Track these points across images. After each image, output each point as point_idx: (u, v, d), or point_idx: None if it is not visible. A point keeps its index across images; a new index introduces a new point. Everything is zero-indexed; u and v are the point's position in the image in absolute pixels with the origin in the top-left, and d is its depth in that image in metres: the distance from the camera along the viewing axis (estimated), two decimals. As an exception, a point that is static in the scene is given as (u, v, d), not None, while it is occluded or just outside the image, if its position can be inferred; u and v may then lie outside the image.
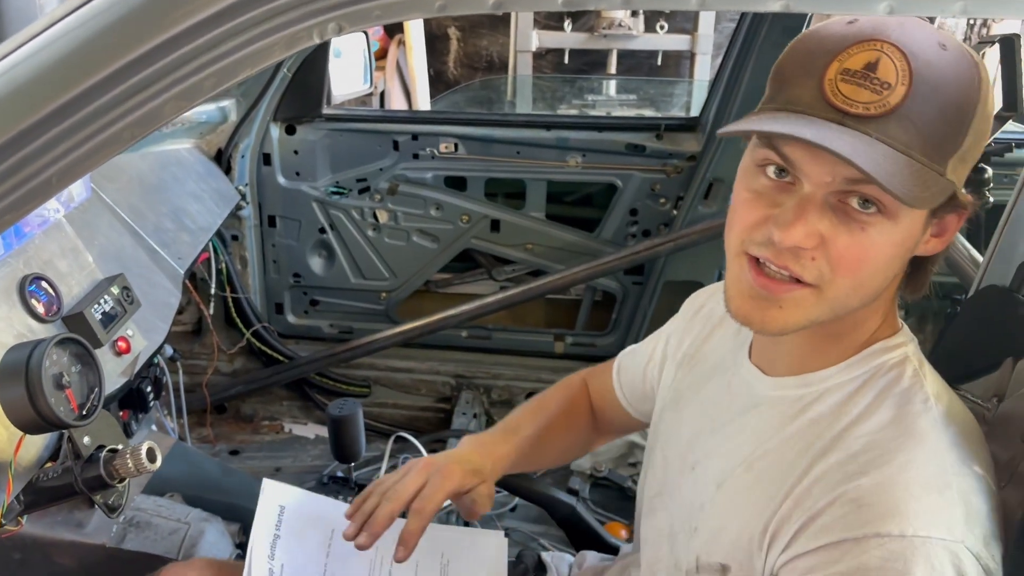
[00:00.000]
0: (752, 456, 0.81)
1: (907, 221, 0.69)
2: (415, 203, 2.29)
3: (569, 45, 4.45)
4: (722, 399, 0.90)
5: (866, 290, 0.73)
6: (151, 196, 1.72)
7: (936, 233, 0.74)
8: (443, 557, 1.10)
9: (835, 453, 0.73)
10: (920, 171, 0.65)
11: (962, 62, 0.67)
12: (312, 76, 2.15)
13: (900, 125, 0.65)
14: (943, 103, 0.66)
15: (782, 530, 0.74)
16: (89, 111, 0.53)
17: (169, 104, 0.54)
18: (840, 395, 0.78)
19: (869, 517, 0.67)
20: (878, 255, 0.70)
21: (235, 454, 2.32)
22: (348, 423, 1.50)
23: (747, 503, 0.79)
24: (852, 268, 0.70)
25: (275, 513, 1.03)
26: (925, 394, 0.75)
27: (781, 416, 0.81)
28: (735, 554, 0.78)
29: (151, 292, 1.45)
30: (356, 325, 2.44)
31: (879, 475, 0.69)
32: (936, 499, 0.68)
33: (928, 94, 0.65)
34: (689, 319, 1.06)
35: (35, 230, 1.17)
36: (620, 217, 2.24)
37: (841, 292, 0.71)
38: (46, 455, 1.06)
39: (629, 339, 2.36)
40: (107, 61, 0.52)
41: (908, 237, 0.71)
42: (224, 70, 0.53)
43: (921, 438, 0.72)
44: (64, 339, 0.98)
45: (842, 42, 0.67)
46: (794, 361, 0.82)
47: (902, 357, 0.78)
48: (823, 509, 0.70)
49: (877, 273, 0.72)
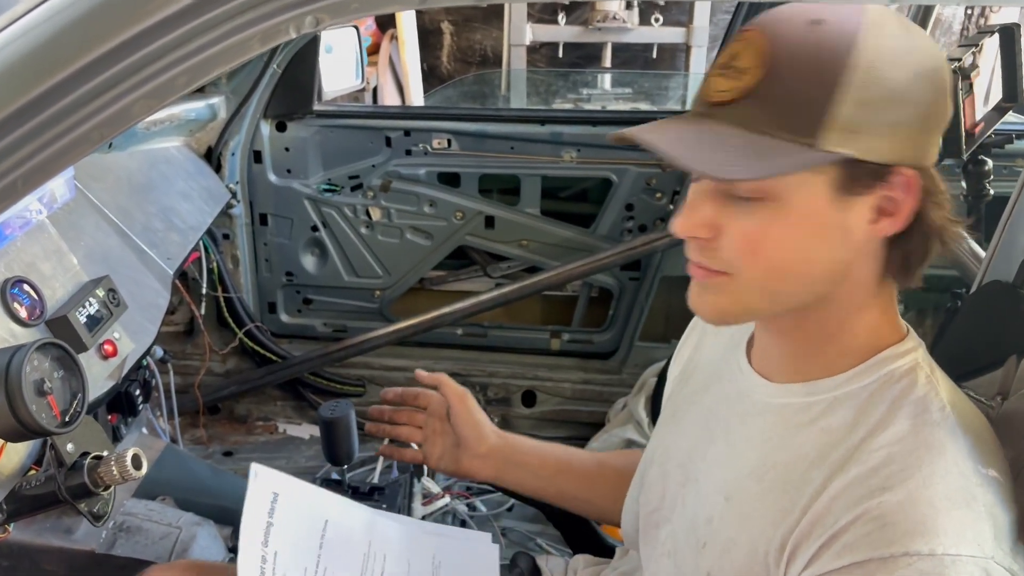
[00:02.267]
0: (761, 467, 0.78)
1: (797, 200, 0.68)
2: (408, 200, 2.26)
3: (563, 39, 4.42)
4: (720, 408, 0.88)
5: (792, 275, 0.71)
6: (139, 195, 1.69)
7: (888, 212, 0.70)
8: (435, 559, 1.08)
9: (854, 467, 0.71)
10: (775, 145, 0.66)
11: (834, 33, 0.66)
12: (303, 72, 2.12)
13: (756, 105, 0.66)
14: (802, 77, 0.66)
15: (802, 547, 0.71)
16: (54, 111, 0.50)
17: (139, 103, 0.51)
18: (852, 405, 0.75)
19: (896, 535, 0.65)
20: (773, 238, 0.69)
21: (229, 455, 2.30)
22: (340, 425, 1.47)
23: (760, 516, 0.76)
24: (750, 253, 0.70)
25: (268, 500, 0.99)
26: (941, 402, 0.72)
27: (788, 425, 0.78)
28: (750, 567, 0.76)
29: (139, 293, 1.43)
30: (350, 324, 2.42)
31: (903, 490, 0.67)
32: (964, 514, 0.66)
33: (785, 72, 0.66)
34: (687, 335, 1.04)
35: (17, 232, 1.15)
36: (616, 212, 2.22)
37: (754, 277, 0.71)
38: (29, 462, 1.04)
39: (626, 335, 2.34)
40: (72, 58, 0.49)
41: (809, 216, 0.68)
42: (197, 67, 0.51)
43: (941, 449, 0.69)
44: (45, 344, 0.95)
45: (729, 39, 0.71)
46: (794, 367, 0.80)
47: (912, 364, 0.75)
48: (846, 527, 0.68)
49: (786, 256, 0.70)
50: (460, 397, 1.22)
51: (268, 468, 1.04)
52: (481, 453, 1.21)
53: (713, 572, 0.79)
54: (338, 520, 1.04)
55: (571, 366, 2.38)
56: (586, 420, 2.36)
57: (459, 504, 1.86)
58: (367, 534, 1.06)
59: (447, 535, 1.15)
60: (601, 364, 2.39)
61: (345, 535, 1.03)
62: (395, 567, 1.04)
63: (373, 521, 1.08)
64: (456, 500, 1.85)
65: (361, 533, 1.05)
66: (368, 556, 1.03)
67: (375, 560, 1.03)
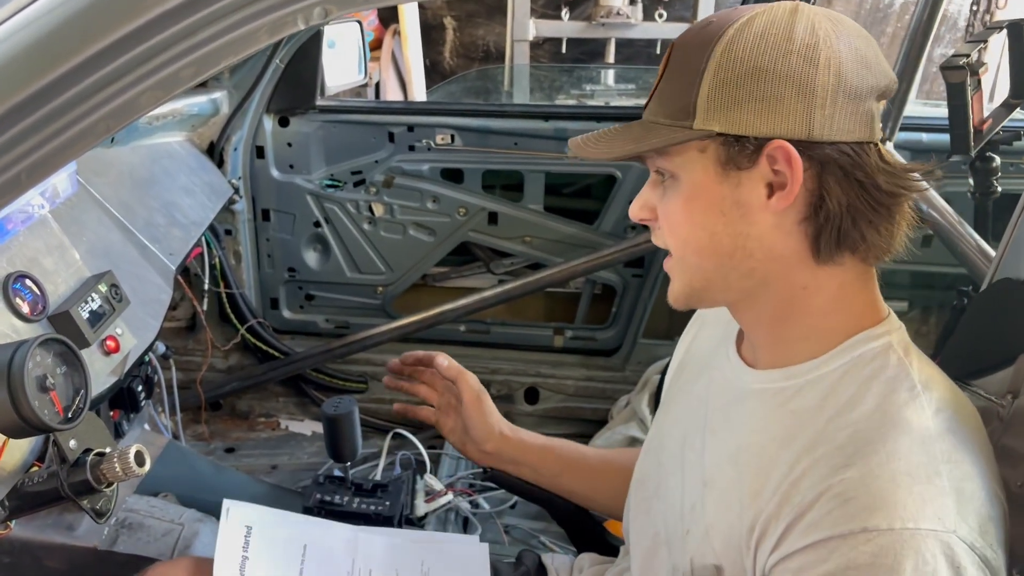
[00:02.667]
0: (737, 451, 0.79)
1: (687, 176, 0.75)
2: (411, 196, 2.25)
3: (567, 34, 4.40)
4: (710, 395, 0.89)
5: (700, 249, 0.76)
6: (141, 190, 1.68)
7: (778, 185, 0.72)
8: (423, 565, 1.07)
9: (821, 446, 0.71)
10: (661, 131, 0.75)
11: (713, 29, 0.73)
12: (305, 67, 2.11)
13: (656, 103, 0.77)
14: (680, 70, 0.75)
15: (770, 528, 0.71)
16: (59, 103, 0.49)
17: (146, 95, 0.51)
18: (822, 386, 0.76)
19: (855, 511, 0.65)
20: (677, 212, 0.77)
21: (231, 452, 2.29)
22: (343, 422, 1.46)
23: (733, 500, 0.77)
24: (671, 228, 0.78)
25: (241, 534, 0.99)
26: (912, 382, 0.73)
27: (764, 408, 0.79)
28: (727, 554, 0.76)
29: (141, 289, 1.42)
30: (352, 320, 2.41)
31: (864, 467, 0.67)
32: (924, 488, 0.66)
33: (673, 70, 0.76)
34: (688, 328, 1.06)
35: (19, 227, 1.14)
36: (620, 209, 2.20)
37: (684, 254, 0.78)
38: (31, 459, 1.03)
39: (629, 332, 2.33)
40: (77, 49, 0.48)
41: (699, 189, 0.74)
42: (204, 58, 0.50)
43: (907, 427, 0.69)
44: (48, 339, 0.94)
45: None
46: (773, 353, 0.81)
47: (885, 345, 0.76)
48: (810, 505, 0.68)
49: (693, 232, 0.76)
50: (474, 397, 1.22)
51: (241, 504, 1.03)
52: (485, 449, 1.22)
53: (695, 559, 0.80)
54: (318, 542, 1.03)
55: (574, 363, 2.38)
56: (589, 417, 2.35)
57: (462, 501, 1.85)
58: (350, 553, 1.05)
59: (434, 542, 1.14)
60: (604, 361, 2.38)
61: (326, 556, 1.02)
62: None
63: (355, 538, 1.08)
64: (459, 497, 1.84)
65: (343, 552, 1.04)
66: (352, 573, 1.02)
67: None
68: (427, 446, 2.04)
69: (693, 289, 0.80)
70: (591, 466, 1.22)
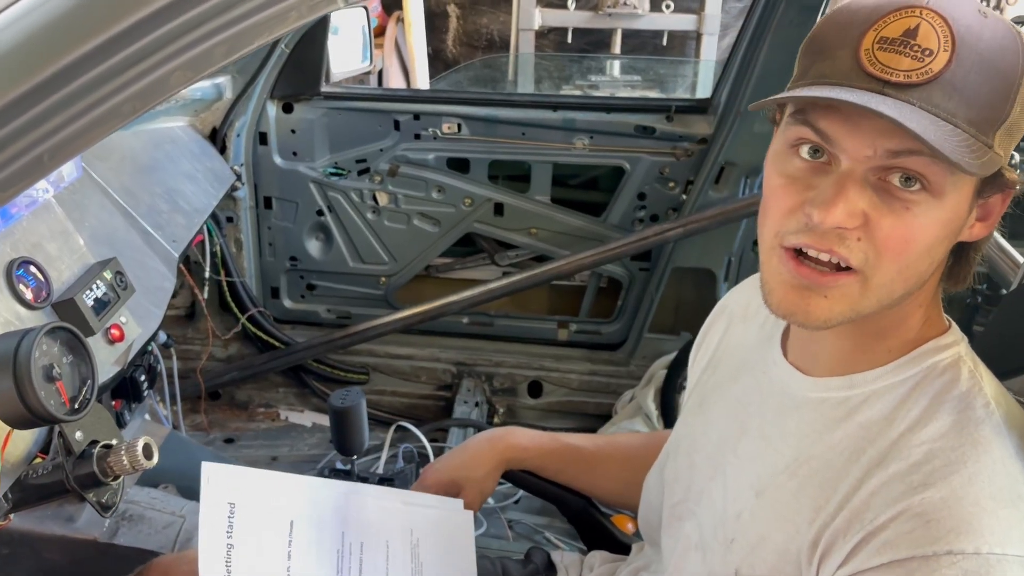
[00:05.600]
0: (795, 462, 0.76)
1: (953, 199, 0.65)
2: (416, 185, 2.22)
3: (573, 24, 4.36)
4: (753, 400, 0.85)
5: (911, 276, 0.68)
6: (144, 176, 1.65)
7: (981, 217, 0.70)
8: (412, 535, 1.05)
9: (893, 463, 0.69)
10: (967, 141, 0.62)
11: (1004, 29, 0.64)
12: (311, 53, 2.07)
13: (944, 92, 0.62)
14: (988, 70, 0.62)
15: (837, 543, 0.69)
16: (85, 81, 0.46)
17: (176, 74, 0.47)
18: (891, 398, 0.73)
19: (939, 533, 0.63)
20: (924, 237, 0.66)
21: (230, 442, 2.26)
22: (351, 414, 1.44)
23: (792, 512, 0.74)
24: (898, 251, 0.66)
25: (224, 514, 0.93)
26: (985, 398, 0.70)
27: (825, 419, 0.76)
28: (781, 566, 0.74)
29: (145, 277, 1.39)
30: (354, 310, 2.39)
31: (946, 488, 0.65)
32: (1010, 513, 0.64)
33: (972, 60, 0.62)
34: (711, 322, 1.02)
35: (23, 211, 1.11)
36: (628, 201, 2.18)
37: (887, 278, 0.67)
38: (36, 450, 1.01)
39: (635, 327, 2.31)
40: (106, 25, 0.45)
41: (955, 217, 0.67)
42: (237, 36, 0.47)
43: (987, 447, 0.67)
44: (54, 328, 0.91)
45: (877, 11, 0.64)
46: (838, 360, 0.77)
47: (955, 358, 0.73)
48: (886, 523, 0.66)
49: (923, 257, 0.67)
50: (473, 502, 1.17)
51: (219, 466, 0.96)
52: None
53: (742, 569, 0.77)
54: (306, 515, 0.99)
55: (578, 357, 2.35)
56: (593, 412, 2.33)
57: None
58: (339, 525, 1.01)
59: (422, 504, 1.12)
60: (609, 355, 2.36)
61: (315, 535, 0.98)
62: (374, 554, 1.00)
63: (346, 505, 1.04)
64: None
65: (332, 526, 1.00)
66: (343, 551, 0.99)
67: (351, 554, 0.99)
68: (430, 439, 2.03)
69: (858, 314, 0.69)
70: (587, 460, 1.20)
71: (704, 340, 1.02)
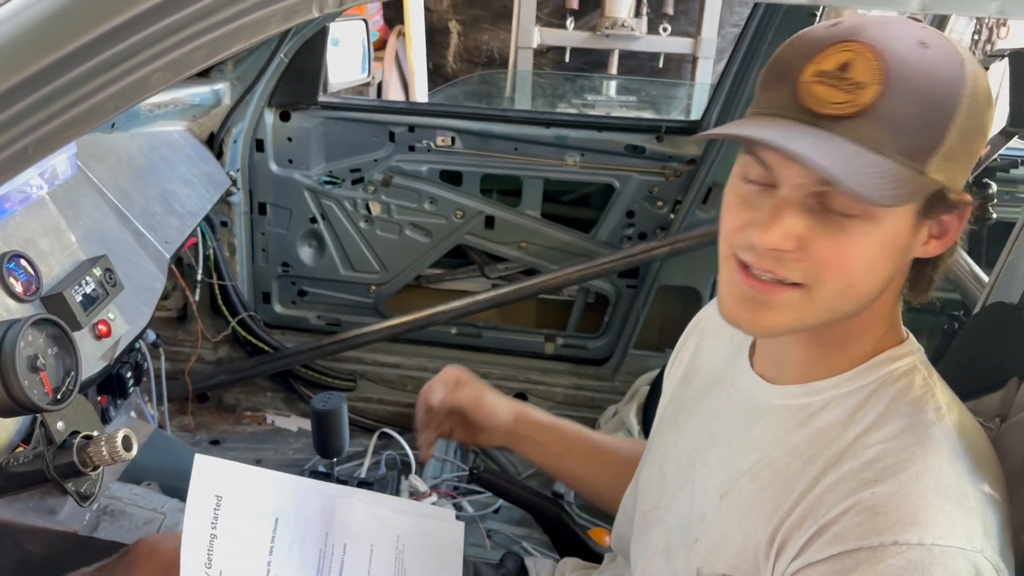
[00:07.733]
0: (757, 465, 0.79)
1: (890, 221, 0.68)
2: (409, 196, 2.25)
3: (571, 43, 4.42)
4: (723, 411, 0.88)
5: (857, 292, 0.72)
6: (140, 178, 1.68)
7: (936, 235, 0.73)
8: (399, 541, 1.05)
9: (848, 461, 0.72)
10: (892, 170, 0.65)
11: (944, 59, 0.66)
12: (309, 62, 2.11)
13: (874, 124, 0.65)
14: (919, 101, 0.65)
15: (792, 538, 0.72)
16: (71, 77, 0.49)
17: (157, 74, 0.50)
18: (849, 404, 0.76)
19: (886, 525, 0.66)
20: (861, 257, 0.69)
21: (216, 444, 2.28)
22: (332, 417, 1.46)
23: (752, 511, 0.77)
24: (837, 270, 0.69)
25: (211, 506, 0.94)
26: (937, 403, 0.74)
27: (786, 424, 0.79)
28: (740, 564, 0.76)
29: (135, 276, 1.42)
30: (344, 318, 2.41)
31: (895, 483, 0.68)
32: (954, 508, 0.67)
33: (903, 92, 0.65)
34: (685, 337, 1.05)
35: (16, 206, 1.14)
36: (616, 219, 2.21)
37: (830, 293, 0.71)
38: (18, 439, 1.03)
39: (621, 343, 2.34)
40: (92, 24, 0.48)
41: (894, 238, 0.69)
42: (217, 41, 0.50)
43: (935, 446, 0.70)
44: (40, 320, 0.94)
45: (819, 44, 0.67)
46: (801, 369, 0.80)
47: (910, 366, 0.77)
48: (837, 517, 0.69)
49: (866, 275, 0.71)
50: (475, 405, 1.19)
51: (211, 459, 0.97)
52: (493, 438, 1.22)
53: (703, 568, 0.80)
54: (292, 514, 1.00)
55: (564, 371, 2.38)
56: (576, 425, 2.35)
57: (446, 503, 1.85)
58: (324, 526, 1.02)
59: (413, 513, 1.13)
60: (594, 370, 2.38)
61: (299, 534, 0.99)
62: (356, 556, 1.01)
63: (333, 507, 1.04)
64: (443, 500, 1.84)
65: (317, 527, 1.01)
66: (325, 552, 0.99)
67: (333, 555, 1.00)
68: (413, 447, 2.04)
69: (805, 325, 0.73)
70: (592, 448, 1.21)
71: (679, 355, 1.05)
